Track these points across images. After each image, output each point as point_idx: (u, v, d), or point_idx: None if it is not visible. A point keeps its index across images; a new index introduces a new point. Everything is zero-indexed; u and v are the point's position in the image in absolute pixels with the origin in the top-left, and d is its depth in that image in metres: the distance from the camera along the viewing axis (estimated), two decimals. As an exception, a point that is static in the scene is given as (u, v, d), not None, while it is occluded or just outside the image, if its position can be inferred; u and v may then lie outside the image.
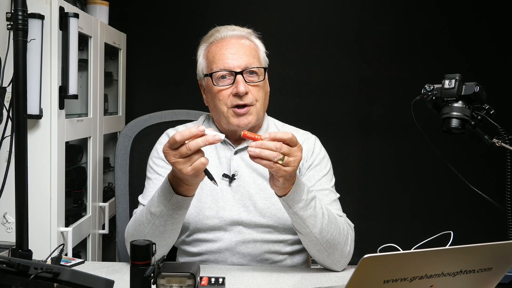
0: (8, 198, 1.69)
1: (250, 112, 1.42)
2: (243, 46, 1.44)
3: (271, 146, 1.13)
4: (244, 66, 1.41)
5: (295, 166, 1.16)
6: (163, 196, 1.23)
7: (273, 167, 1.13)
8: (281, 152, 1.13)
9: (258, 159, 1.13)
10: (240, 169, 1.46)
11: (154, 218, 1.25)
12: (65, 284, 0.84)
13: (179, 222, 1.28)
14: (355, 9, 3.17)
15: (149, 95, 3.17)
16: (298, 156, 1.16)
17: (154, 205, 1.25)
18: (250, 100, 1.41)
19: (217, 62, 1.42)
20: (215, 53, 1.44)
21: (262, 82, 1.44)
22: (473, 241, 0.89)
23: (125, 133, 1.77)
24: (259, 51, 1.48)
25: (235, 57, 1.41)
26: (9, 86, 1.79)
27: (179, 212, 1.24)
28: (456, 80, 1.31)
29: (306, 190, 1.26)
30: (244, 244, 1.43)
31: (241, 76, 1.40)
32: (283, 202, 1.25)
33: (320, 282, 1.31)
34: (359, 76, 3.18)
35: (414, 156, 3.16)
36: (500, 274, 0.94)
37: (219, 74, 1.41)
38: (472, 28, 3.13)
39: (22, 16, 1.32)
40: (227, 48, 1.43)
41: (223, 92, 1.41)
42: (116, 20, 2.81)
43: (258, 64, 1.44)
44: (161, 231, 1.27)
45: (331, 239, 1.31)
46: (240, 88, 1.38)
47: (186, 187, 1.21)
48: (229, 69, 1.40)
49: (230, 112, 1.41)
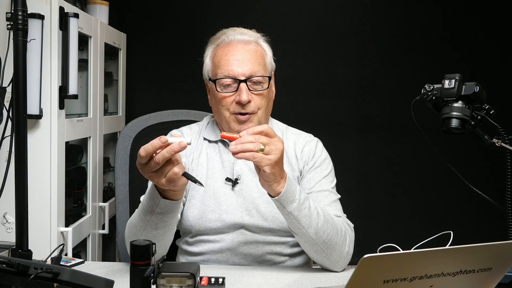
0: (8, 198, 1.69)
1: (251, 120, 1.42)
2: (249, 52, 1.44)
3: (249, 139, 1.14)
4: (249, 74, 1.41)
5: (278, 154, 1.16)
6: (151, 200, 1.22)
7: (256, 157, 1.14)
8: (260, 142, 1.14)
9: (240, 154, 1.13)
10: (243, 173, 1.46)
11: (145, 222, 1.25)
12: (65, 284, 0.84)
13: (170, 224, 1.27)
14: (355, 9, 3.17)
15: (149, 95, 3.17)
16: (279, 145, 1.17)
17: (144, 209, 1.25)
18: (252, 109, 1.41)
19: (222, 67, 1.42)
20: (221, 58, 1.44)
21: (265, 90, 1.44)
22: (473, 241, 0.89)
23: (125, 133, 1.77)
24: (266, 56, 1.48)
25: (240, 64, 1.41)
26: (9, 86, 1.79)
27: (169, 215, 1.24)
28: (456, 80, 1.31)
29: (298, 190, 1.26)
30: (245, 245, 1.43)
31: (244, 84, 1.40)
32: (276, 202, 1.24)
33: (320, 282, 1.31)
34: (359, 76, 3.18)
35: (414, 156, 3.16)
36: (500, 274, 0.93)
37: (223, 81, 1.41)
38: (472, 28, 3.13)
39: (22, 16, 1.32)
40: (233, 54, 1.43)
41: (226, 99, 1.42)
42: (116, 20, 2.81)
43: (263, 71, 1.44)
44: (154, 235, 1.26)
45: (327, 239, 1.31)
46: (243, 97, 1.39)
47: (172, 192, 1.20)
48: (233, 76, 1.41)
49: (232, 118, 1.42)
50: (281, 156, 1.18)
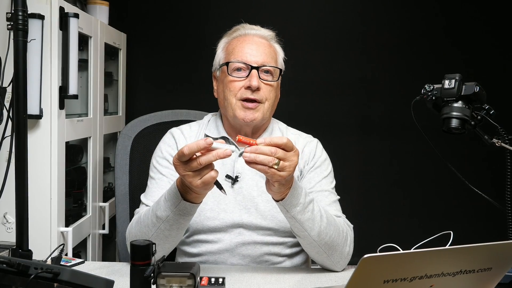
0: (8, 198, 1.69)
1: (258, 109, 1.43)
2: (263, 45, 1.47)
3: (266, 151, 1.12)
4: (261, 63, 1.43)
5: (291, 171, 1.15)
6: (170, 201, 1.22)
7: (268, 172, 1.12)
8: (276, 157, 1.12)
9: (253, 164, 1.12)
10: (243, 171, 1.46)
11: (160, 222, 1.25)
12: (65, 284, 0.84)
13: (184, 227, 1.28)
14: (355, 9, 3.17)
15: (149, 95, 3.17)
16: (294, 160, 1.15)
17: (161, 209, 1.25)
18: (260, 97, 1.42)
19: (235, 54, 1.44)
20: (235, 45, 1.46)
21: (275, 82, 1.46)
22: (473, 241, 0.89)
23: (125, 133, 1.77)
24: (277, 55, 1.50)
25: (253, 53, 1.44)
26: (9, 86, 1.79)
27: (185, 218, 1.24)
28: (456, 80, 1.31)
29: (303, 194, 1.25)
30: (244, 245, 1.43)
31: (256, 71, 1.42)
32: (280, 206, 1.24)
33: (320, 282, 1.31)
34: (359, 76, 3.18)
35: (414, 156, 3.16)
36: (500, 274, 0.94)
37: (235, 65, 1.43)
38: (472, 28, 3.13)
39: (22, 16, 1.32)
40: (248, 43, 1.46)
41: (235, 84, 1.42)
42: (116, 20, 2.81)
43: (275, 64, 1.47)
44: (166, 235, 1.27)
45: (329, 241, 1.31)
46: (253, 82, 1.40)
47: (195, 195, 1.20)
48: (246, 62, 1.42)
49: (238, 105, 1.42)
50: (294, 170, 1.16)
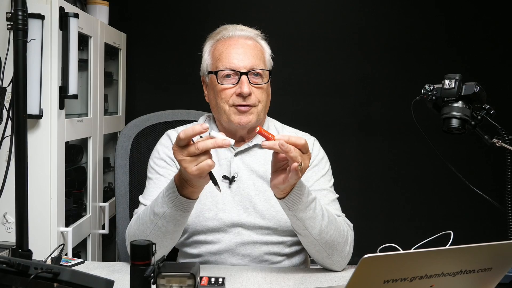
0: (8, 198, 1.69)
1: (252, 112, 1.42)
2: (249, 47, 1.45)
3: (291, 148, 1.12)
4: (250, 67, 1.42)
5: (303, 173, 1.16)
6: (167, 196, 1.23)
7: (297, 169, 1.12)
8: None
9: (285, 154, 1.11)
10: (240, 171, 1.46)
11: (157, 218, 1.25)
12: (65, 284, 0.84)
13: (181, 224, 1.28)
14: (355, 9, 3.17)
15: (149, 95, 3.17)
16: (307, 164, 1.16)
17: (158, 205, 1.25)
18: (253, 101, 1.42)
19: (223, 60, 1.43)
20: (222, 51, 1.44)
21: (265, 84, 1.45)
22: (473, 241, 0.89)
23: (125, 133, 1.77)
24: (265, 53, 1.49)
25: (241, 57, 1.42)
26: (9, 86, 1.79)
27: (182, 214, 1.24)
28: (456, 80, 1.31)
29: (306, 193, 1.25)
30: (243, 245, 1.43)
31: (245, 76, 1.41)
32: (282, 204, 1.25)
33: (320, 282, 1.31)
34: (359, 76, 3.18)
35: (414, 156, 3.15)
36: (500, 274, 0.93)
37: (224, 73, 1.42)
38: (472, 28, 3.13)
39: (22, 16, 1.32)
40: (234, 48, 1.44)
41: (226, 91, 1.42)
42: (116, 20, 2.81)
43: (263, 66, 1.45)
44: (163, 232, 1.27)
45: (330, 240, 1.31)
46: (244, 89, 1.39)
47: (191, 189, 1.20)
48: (234, 68, 1.41)
49: (232, 110, 1.42)
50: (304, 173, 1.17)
